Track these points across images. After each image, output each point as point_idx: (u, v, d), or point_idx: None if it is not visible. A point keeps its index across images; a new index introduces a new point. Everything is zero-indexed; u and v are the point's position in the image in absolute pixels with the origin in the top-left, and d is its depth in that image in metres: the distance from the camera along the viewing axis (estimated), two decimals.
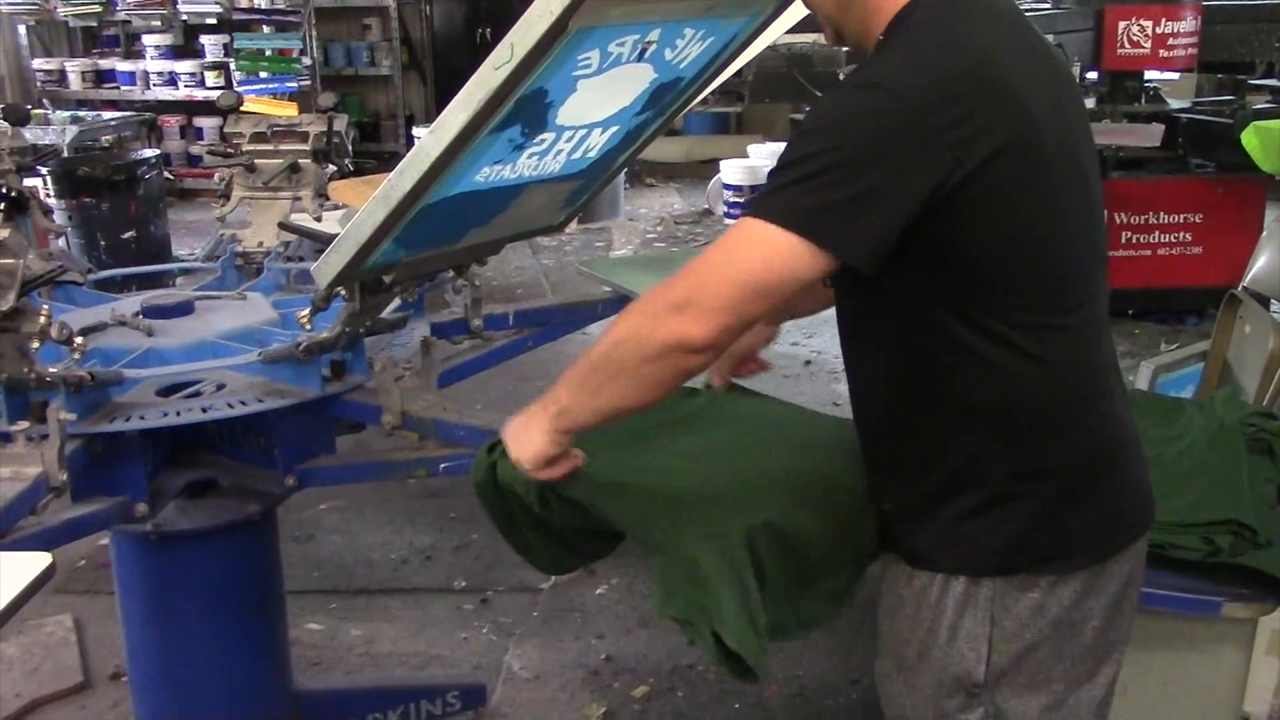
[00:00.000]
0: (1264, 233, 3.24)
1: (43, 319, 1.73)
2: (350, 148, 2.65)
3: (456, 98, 1.55)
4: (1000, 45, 1.41)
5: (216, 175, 2.60)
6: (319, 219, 2.56)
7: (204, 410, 1.87)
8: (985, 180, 1.34)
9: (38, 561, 1.40)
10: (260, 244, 2.54)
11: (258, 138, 2.57)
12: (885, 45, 1.42)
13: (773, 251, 1.32)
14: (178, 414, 1.86)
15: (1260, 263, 3.09)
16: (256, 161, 2.55)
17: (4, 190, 1.77)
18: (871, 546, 1.59)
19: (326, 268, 1.78)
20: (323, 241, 1.95)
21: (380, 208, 1.67)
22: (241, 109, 2.59)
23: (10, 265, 1.68)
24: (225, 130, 2.61)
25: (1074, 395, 1.47)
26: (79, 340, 1.80)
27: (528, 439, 1.51)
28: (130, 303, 2.28)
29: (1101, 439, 1.50)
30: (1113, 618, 1.53)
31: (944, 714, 1.52)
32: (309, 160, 2.55)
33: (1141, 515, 1.56)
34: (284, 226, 2.35)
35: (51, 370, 1.77)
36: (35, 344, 1.74)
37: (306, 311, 1.96)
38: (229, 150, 2.58)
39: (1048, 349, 1.43)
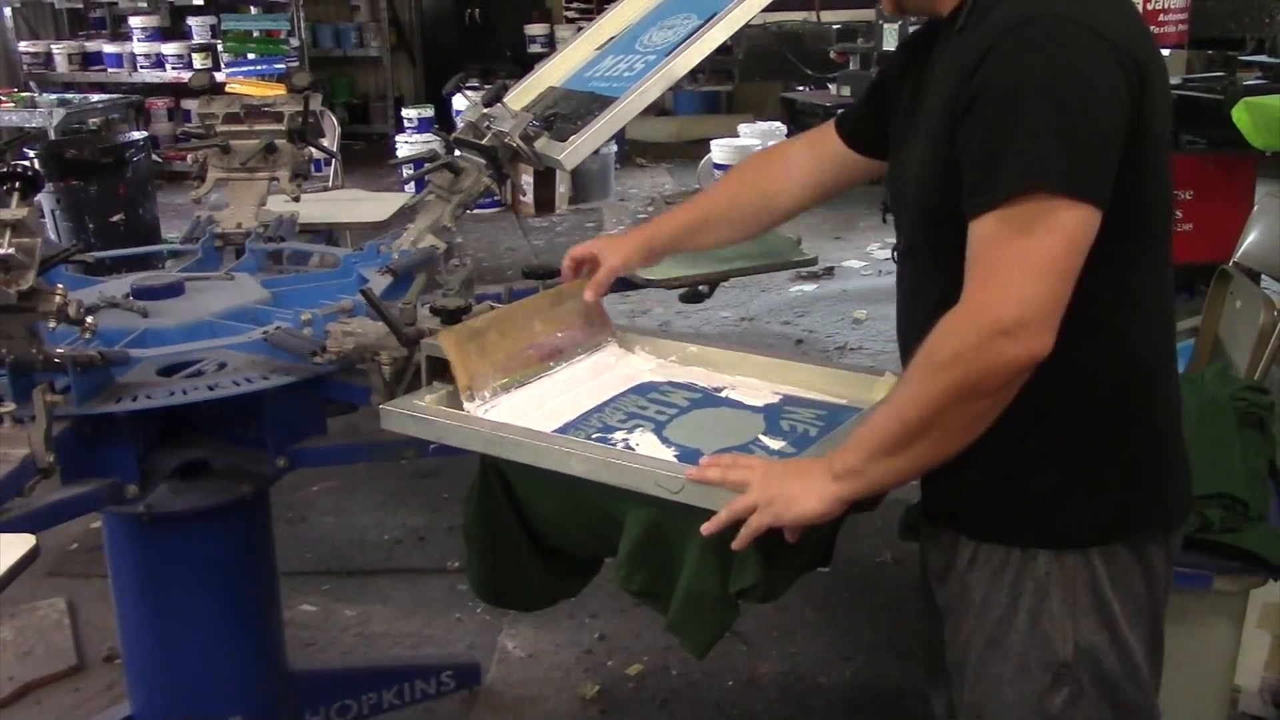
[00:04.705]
0: (1255, 208, 3.24)
1: (58, 298, 1.68)
2: (337, 125, 2.62)
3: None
4: None
5: (189, 157, 2.57)
6: (297, 199, 2.54)
7: (210, 389, 1.85)
8: (1148, 106, 1.29)
9: (21, 543, 1.38)
10: (239, 225, 2.51)
11: (231, 118, 2.54)
12: None
13: (1069, 226, 1.24)
14: (184, 393, 1.84)
15: (1251, 238, 3.10)
16: (231, 142, 2.52)
17: (20, 169, 1.71)
18: None
19: (396, 419, 1.70)
20: (389, 325, 1.80)
21: (477, 443, 1.63)
22: (225, 89, 2.57)
23: (29, 244, 1.64)
24: (199, 111, 2.58)
25: (1167, 354, 1.47)
26: (90, 320, 1.77)
27: (802, 499, 1.36)
28: (118, 284, 2.26)
29: (1176, 402, 1.48)
30: (1169, 588, 1.50)
31: (1026, 697, 1.44)
32: (285, 140, 2.52)
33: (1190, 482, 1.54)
34: (373, 305, 1.97)
35: (59, 350, 1.75)
36: (52, 324, 1.70)
37: (339, 333, 1.90)
38: (203, 131, 2.55)
39: (1155, 302, 1.42)
